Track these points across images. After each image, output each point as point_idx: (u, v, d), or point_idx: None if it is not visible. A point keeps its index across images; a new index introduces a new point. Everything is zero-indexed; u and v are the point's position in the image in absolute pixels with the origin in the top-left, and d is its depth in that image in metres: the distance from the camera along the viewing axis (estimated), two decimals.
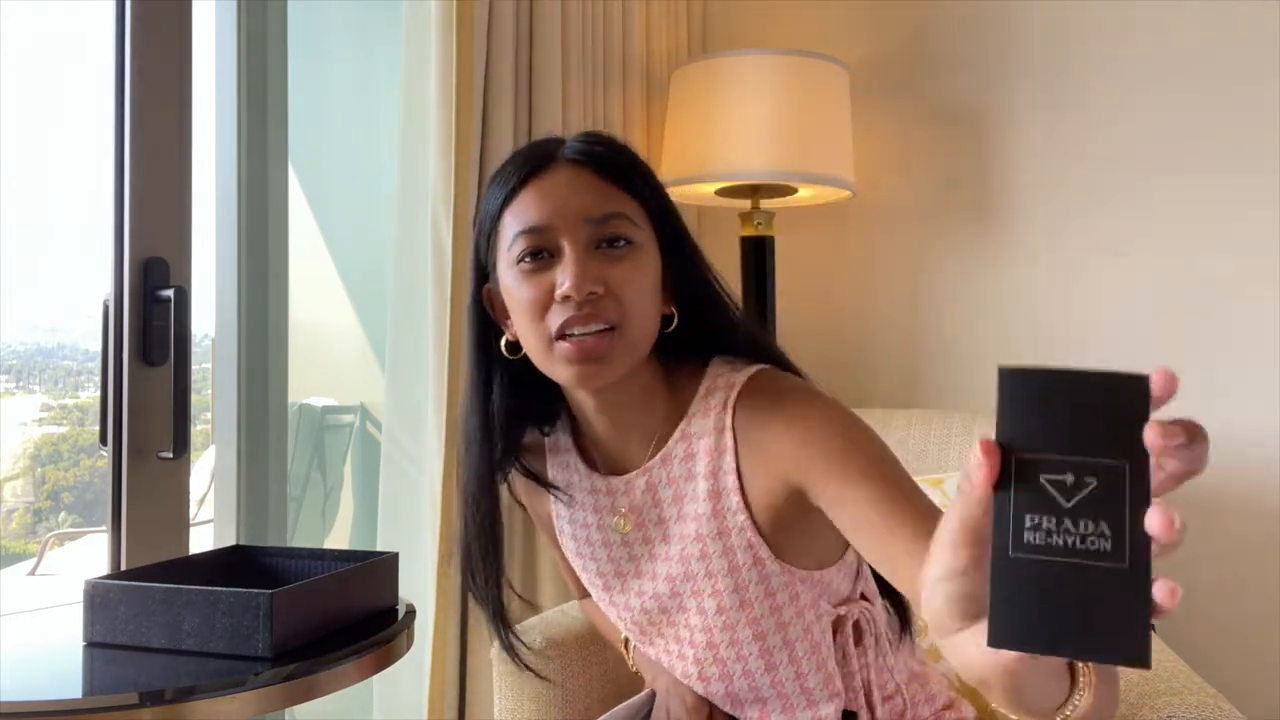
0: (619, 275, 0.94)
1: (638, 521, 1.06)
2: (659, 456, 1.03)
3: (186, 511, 1.41)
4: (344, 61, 2.08)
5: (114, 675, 0.90)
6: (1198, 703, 1.11)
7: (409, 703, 1.74)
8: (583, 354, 0.93)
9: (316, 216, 1.96)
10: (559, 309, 0.93)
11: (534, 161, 0.98)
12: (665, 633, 1.09)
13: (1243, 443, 2.01)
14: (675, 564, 1.04)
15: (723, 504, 0.99)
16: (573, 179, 0.96)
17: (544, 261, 0.95)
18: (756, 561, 1.00)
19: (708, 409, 1.00)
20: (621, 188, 0.98)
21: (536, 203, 0.95)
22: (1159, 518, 0.49)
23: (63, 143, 1.66)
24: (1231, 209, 2.02)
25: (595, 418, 1.04)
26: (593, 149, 0.99)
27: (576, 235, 0.94)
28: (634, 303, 0.95)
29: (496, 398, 1.05)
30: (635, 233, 0.97)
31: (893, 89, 2.29)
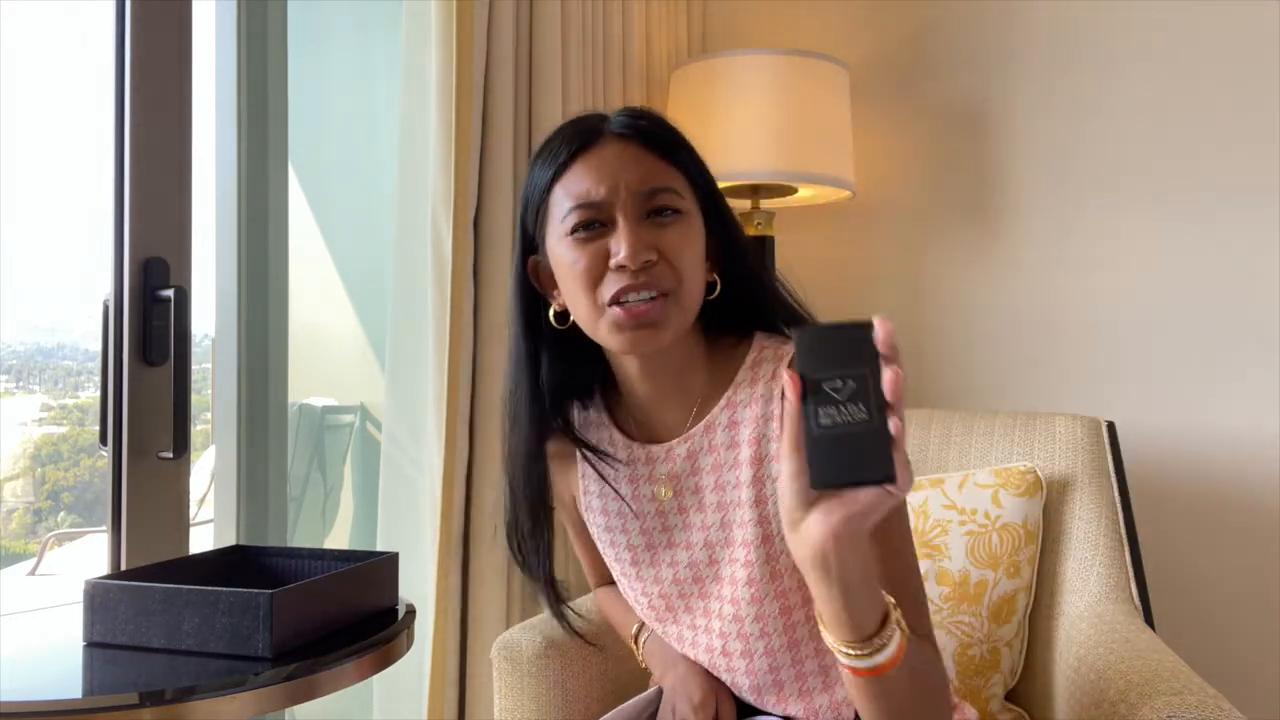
0: (670, 242, 0.98)
1: (676, 489, 1.08)
2: (702, 424, 1.05)
3: (186, 511, 1.41)
4: (344, 61, 2.07)
5: (114, 675, 0.90)
6: (1198, 703, 1.11)
7: (409, 703, 1.74)
8: (636, 319, 0.97)
9: (316, 216, 1.96)
10: (614, 277, 0.97)
11: (583, 137, 1.01)
12: (693, 606, 1.10)
13: (1243, 442, 2.01)
14: (714, 531, 1.05)
15: (764, 470, 1.02)
16: (621, 153, 1.00)
17: (596, 232, 0.98)
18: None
19: (755, 378, 1.04)
20: (668, 161, 1.02)
21: (588, 176, 0.99)
22: (889, 378, 0.72)
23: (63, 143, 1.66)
24: (1232, 208, 2.02)
25: (640, 384, 1.06)
26: (638, 123, 1.02)
27: (629, 207, 0.98)
28: (685, 268, 0.98)
29: (544, 368, 1.08)
30: (682, 203, 1.00)
31: (893, 89, 2.29)
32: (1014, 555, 1.57)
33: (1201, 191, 2.05)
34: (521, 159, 1.84)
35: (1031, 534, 1.58)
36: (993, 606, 1.56)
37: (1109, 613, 1.48)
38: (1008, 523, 1.57)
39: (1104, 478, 1.63)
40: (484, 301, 1.75)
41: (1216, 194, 2.04)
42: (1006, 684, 1.58)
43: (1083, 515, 1.61)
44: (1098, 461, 1.64)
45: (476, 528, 1.73)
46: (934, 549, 1.59)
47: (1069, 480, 1.64)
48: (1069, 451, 1.66)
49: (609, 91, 2.08)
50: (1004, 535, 1.57)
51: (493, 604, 1.74)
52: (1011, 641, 1.57)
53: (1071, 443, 1.66)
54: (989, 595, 1.56)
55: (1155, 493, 2.02)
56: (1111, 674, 1.26)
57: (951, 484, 1.63)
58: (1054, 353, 2.16)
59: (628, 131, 1.01)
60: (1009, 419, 1.74)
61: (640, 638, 1.25)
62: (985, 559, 1.56)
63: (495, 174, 1.76)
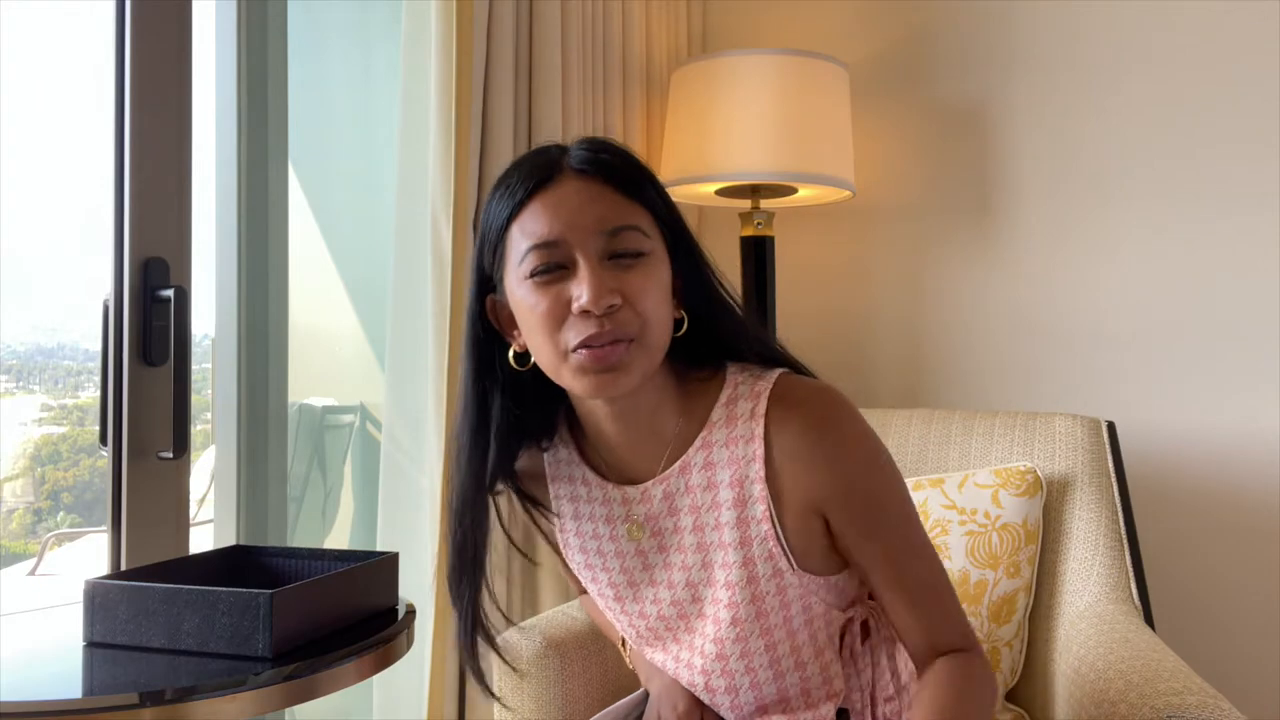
0: (634, 285, 0.93)
1: (654, 530, 1.05)
2: (677, 465, 1.03)
3: (186, 511, 1.41)
4: (344, 62, 2.07)
5: (114, 675, 0.90)
6: (1198, 703, 1.11)
7: (409, 703, 1.74)
8: (600, 363, 0.93)
9: (316, 216, 1.96)
10: (577, 322, 0.93)
11: (540, 172, 0.96)
12: (680, 638, 1.09)
13: (1243, 442, 2.01)
14: (695, 571, 1.04)
15: (747, 513, 1.00)
16: (581, 190, 0.95)
17: (557, 275, 0.94)
18: (776, 573, 1.00)
19: (732, 416, 1.01)
20: (631, 197, 0.97)
21: (546, 216, 0.94)
22: None
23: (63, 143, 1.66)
24: (1233, 207, 2.02)
25: (608, 426, 1.03)
26: (599, 158, 0.97)
27: (589, 248, 0.93)
28: (650, 311, 0.94)
29: (496, 409, 1.04)
30: (646, 243, 0.96)
31: (893, 89, 2.29)
32: (1014, 555, 1.57)
33: (1201, 191, 2.05)
34: None
35: (1031, 534, 1.58)
36: (993, 606, 1.56)
37: (1109, 613, 1.48)
38: (1008, 522, 1.57)
39: (1104, 478, 1.63)
40: None
41: (1216, 194, 2.04)
42: (1007, 684, 1.58)
43: (1083, 515, 1.61)
44: (1098, 461, 1.64)
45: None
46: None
47: (1069, 480, 1.64)
48: (1069, 451, 1.66)
49: (609, 91, 2.08)
50: (1004, 535, 1.57)
51: (492, 604, 1.74)
52: (1011, 641, 1.57)
53: (1071, 443, 1.66)
54: (989, 595, 1.56)
55: (1155, 493, 2.02)
56: (1111, 674, 1.26)
57: (951, 484, 1.63)
58: (1054, 352, 2.16)
59: (587, 167, 0.96)
60: (1009, 419, 1.74)
61: (628, 641, 1.24)
62: (985, 559, 1.56)
63: (495, 174, 1.75)
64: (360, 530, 1.98)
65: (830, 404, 1.00)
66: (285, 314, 1.82)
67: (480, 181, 1.76)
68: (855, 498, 0.99)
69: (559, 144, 1.01)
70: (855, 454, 0.99)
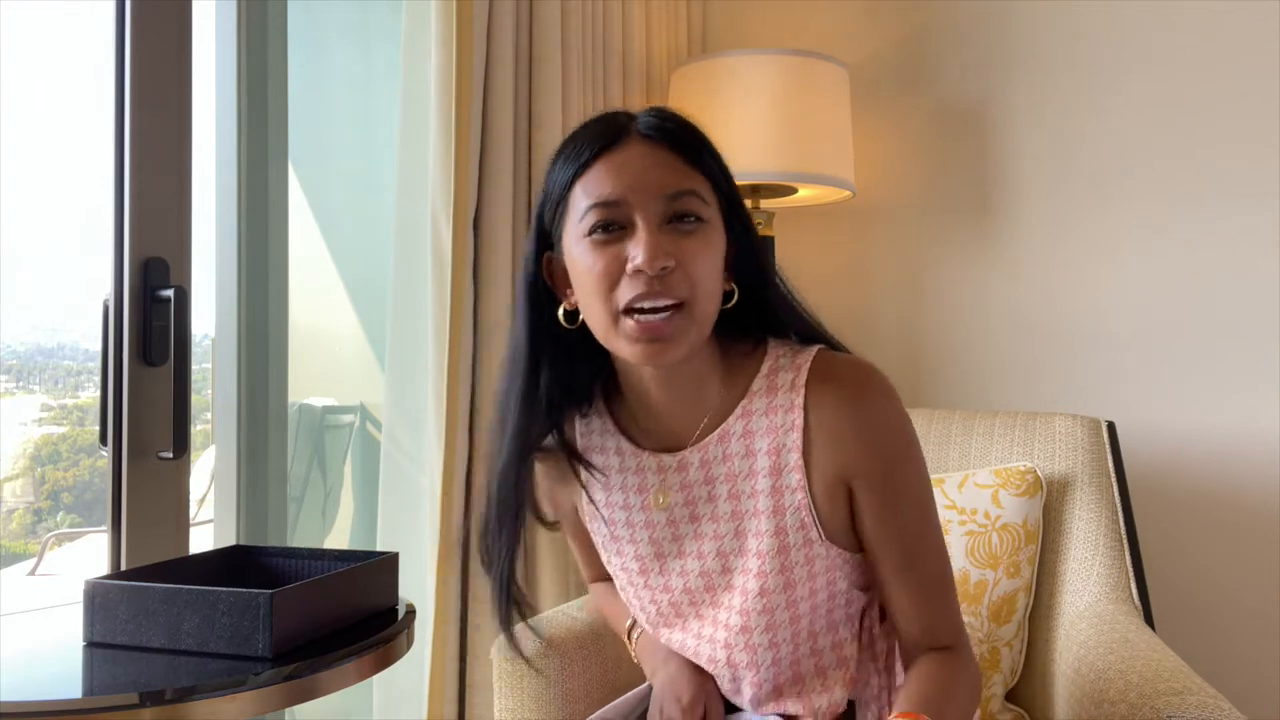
0: (690, 251, 0.95)
1: (688, 498, 1.06)
2: (716, 433, 1.04)
3: (186, 511, 1.41)
4: (344, 61, 2.07)
5: (114, 675, 0.90)
6: (1198, 703, 1.11)
7: (409, 703, 1.74)
8: (649, 333, 0.94)
9: (316, 216, 1.96)
10: (629, 282, 0.94)
11: (607, 136, 0.98)
12: (703, 614, 1.09)
13: (1243, 442, 2.01)
14: (727, 540, 1.04)
15: (782, 481, 1.01)
16: (646, 154, 0.97)
17: (615, 234, 0.95)
18: (806, 542, 1.02)
19: (773, 387, 1.02)
20: (694, 165, 0.98)
21: (610, 176, 0.96)
22: None
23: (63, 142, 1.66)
24: (1233, 207, 2.02)
25: (654, 391, 1.04)
26: (665, 125, 0.99)
27: (650, 210, 0.95)
28: (702, 279, 0.96)
29: (546, 368, 1.04)
30: (705, 210, 0.97)
31: (893, 89, 2.29)
32: (1014, 555, 1.57)
33: (1201, 191, 2.05)
34: (521, 159, 1.84)
35: (1031, 534, 1.58)
36: (993, 606, 1.56)
37: (1109, 613, 1.48)
38: (1008, 523, 1.57)
39: (1104, 478, 1.63)
40: (484, 301, 1.75)
41: (1216, 194, 2.04)
42: (1007, 684, 1.58)
43: (1083, 515, 1.61)
44: (1098, 461, 1.64)
45: (476, 527, 1.73)
46: None
47: (1069, 480, 1.64)
48: (1069, 451, 1.66)
49: (609, 91, 2.08)
50: (1004, 535, 1.57)
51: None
52: (1011, 641, 1.57)
53: (1071, 443, 1.66)
54: (989, 595, 1.56)
55: (1155, 493, 2.02)
56: (1111, 674, 1.26)
57: (951, 484, 1.63)
58: (1054, 352, 2.16)
59: (653, 133, 0.98)
60: (1009, 419, 1.74)
61: (634, 634, 1.24)
62: (985, 559, 1.56)
63: (495, 174, 1.76)
64: (360, 530, 1.98)
65: (869, 380, 1.02)
66: (285, 314, 1.82)
67: (480, 181, 1.76)
68: (882, 474, 1.00)
69: (627, 110, 1.02)
70: (888, 432, 1.01)
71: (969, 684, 1.03)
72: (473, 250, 1.74)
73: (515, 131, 1.81)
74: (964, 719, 1.02)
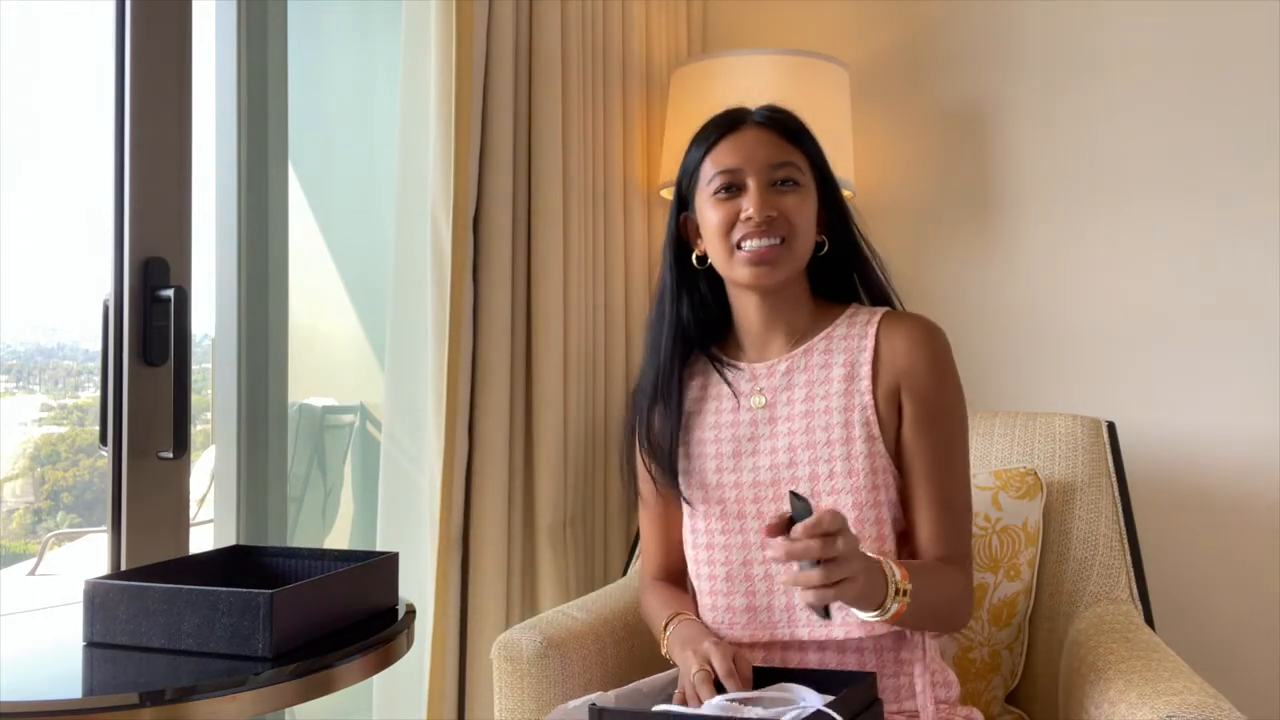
0: (788, 205, 1.26)
1: (770, 400, 1.31)
2: (802, 349, 1.31)
3: (186, 511, 1.41)
4: (344, 61, 2.08)
5: (114, 675, 0.90)
6: (1198, 703, 1.11)
7: (409, 703, 1.74)
8: (757, 258, 1.25)
9: (316, 216, 1.96)
10: (742, 226, 1.25)
11: (730, 123, 1.30)
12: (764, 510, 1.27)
13: (1243, 442, 2.01)
14: (798, 435, 1.27)
15: (854, 385, 1.26)
16: (758, 135, 1.28)
17: (733, 194, 1.27)
18: (869, 439, 1.24)
19: (853, 323, 1.31)
20: (794, 145, 1.29)
21: (731, 151, 1.28)
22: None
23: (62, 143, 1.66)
24: (1234, 207, 2.02)
25: (755, 313, 1.32)
26: (774, 115, 1.30)
27: (759, 176, 1.26)
28: (798, 225, 1.26)
29: (684, 298, 1.36)
30: (801, 177, 1.28)
31: (893, 89, 2.29)
32: (1014, 558, 1.57)
33: (1201, 191, 2.05)
34: (521, 159, 1.84)
35: (1031, 536, 1.58)
36: (993, 609, 1.56)
37: (1109, 613, 1.48)
38: (1008, 525, 1.57)
39: (1104, 478, 1.63)
40: (483, 301, 1.75)
41: (1216, 194, 2.04)
42: (1007, 686, 1.58)
43: (1083, 516, 1.61)
44: (1098, 462, 1.64)
45: (476, 527, 1.73)
46: None
47: (1069, 481, 1.64)
48: (1069, 452, 1.66)
49: (609, 91, 2.08)
50: (1004, 538, 1.57)
51: (492, 604, 1.74)
52: (1012, 644, 1.57)
53: (1071, 443, 1.66)
54: (989, 599, 1.56)
55: (1155, 493, 2.02)
56: (1111, 674, 1.26)
57: None
58: (1054, 353, 2.16)
59: (763, 120, 1.30)
60: (1009, 419, 1.74)
61: (669, 627, 1.31)
62: (985, 562, 1.56)
63: (495, 174, 1.76)
64: (360, 530, 1.99)
65: (932, 326, 1.30)
66: (285, 314, 1.82)
67: (480, 181, 1.76)
68: (925, 391, 1.25)
69: (746, 107, 1.33)
70: (941, 366, 1.27)
71: (962, 594, 1.24)
72: (473, 250, 1.74)
73: (515, 131, 1.81)
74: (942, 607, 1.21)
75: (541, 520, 1.83)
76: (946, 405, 1.27)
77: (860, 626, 1.21)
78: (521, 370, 1.84)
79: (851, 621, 1.21)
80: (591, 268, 2.00)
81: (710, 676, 1.17)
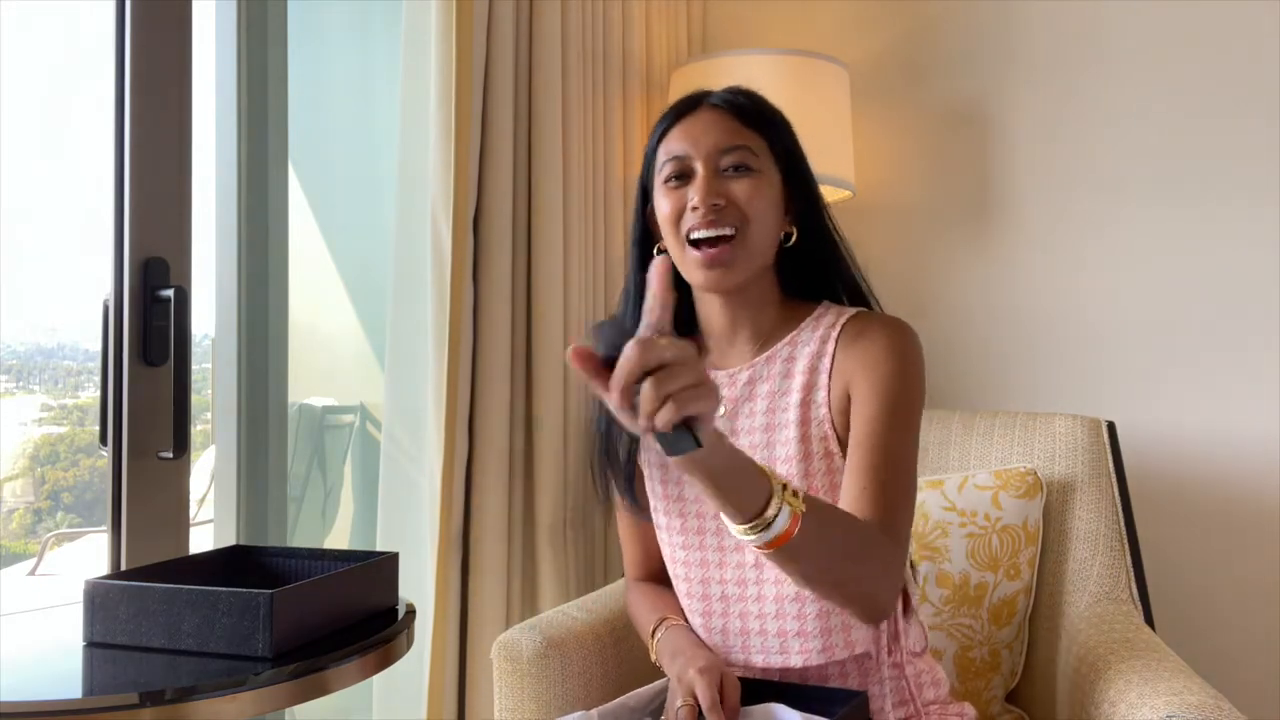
0: (739, 191, 1.16)
1: (731, 412, 1.23)
2: (765, 355, 1.23)
3: (186, 511, 1.41)
4: (344, 61, 2.07)
5: (114, 675, 0.90)
6: (1198, 703, 1.11)
7: (409, 703, 1.74)
8: (710, 261, 1.16)
9: (316, 216, 1.96)
10: (690, 215, 1.16)
11: (684, 106, 1.23)
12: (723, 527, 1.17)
13: (1243, 442, 2.01)
14: (759, 450, 1.20)
15: (812, 396, 1.19)
16: (709, 119, 1.20)
17: (683, 182, 1.18)
18: (827, 454, 1.17)
19: (818, 325, 1.22)
20: (750, 127, 1.20)
21: (680, 137, 1.20)
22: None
23: (63, 142, 1.66)
24: (1232, 207, 2.02)
25: (719, 315, 1.24)
26: (731, 98, 1.22)
27: (708, 162, 1.17)
28: (751, 212, 1.16)
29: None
30: (755, 161, 1.18)
31: (893, 89, 2.29)
32: (1014, 557, 1.57)
33: (1201, 191, 2.05)
34: (521, 159, 1.84)
35: (1031, 536, 1.58)
36: (993, 609, 1.56)
37: (1109, 613, 1.48)
38: (1008, 524, 1.57)
39: (1104, 478, 1.63)
40: (483, 301, 1.75)
41: (1216, 193, 2.04)
42: (1007, 685, 1.58)
43: (1083, 516, 1.61)
44: (1098, 461, 1.64)
45: (476, 527, 1.73)
46: (934, 551, 1.59)
47: (1069, 481, 1.64)
48: (1069, 452, 1.66)
49: (609, 91, 2.08)
50: (1004, 537, 1.57)
51: (493, 604, 1.74)
52: (1012, 644, 1.57)
53: (1071, 443, 1.66)
54: (989, 598, 1.56)
55: (1155, 493, 2.02)
56: (1111, 674, 1.26)
57: (951, 485, 1.63)
58: (1054, 353, 2.16)
59: (719, 103, 1.21)
60: (1009, 419, 1.74)
61: (657, 633, 1.28)
62: (985, 561, 1.56)
63: (495, 174, 1.76)
64: (360, 530, 1.99)
65: (900, 327, 1.19)
66: (285, 314, 1.82)
67: (480, 181, 1.76)
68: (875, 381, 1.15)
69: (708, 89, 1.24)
70: (895, 355, 1.16)
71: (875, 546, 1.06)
72: (473, 250, 1.74)
73: (515, 131, 1.81)
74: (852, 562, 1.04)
75: (541, 520, 1.83)
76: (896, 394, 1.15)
77: (820, 654, 1.16)
78: (521, 370, 1.84)
79: (811, 648, 1.16)
80: (591, 268, 2.01)
81: (694, 712, 1.10)
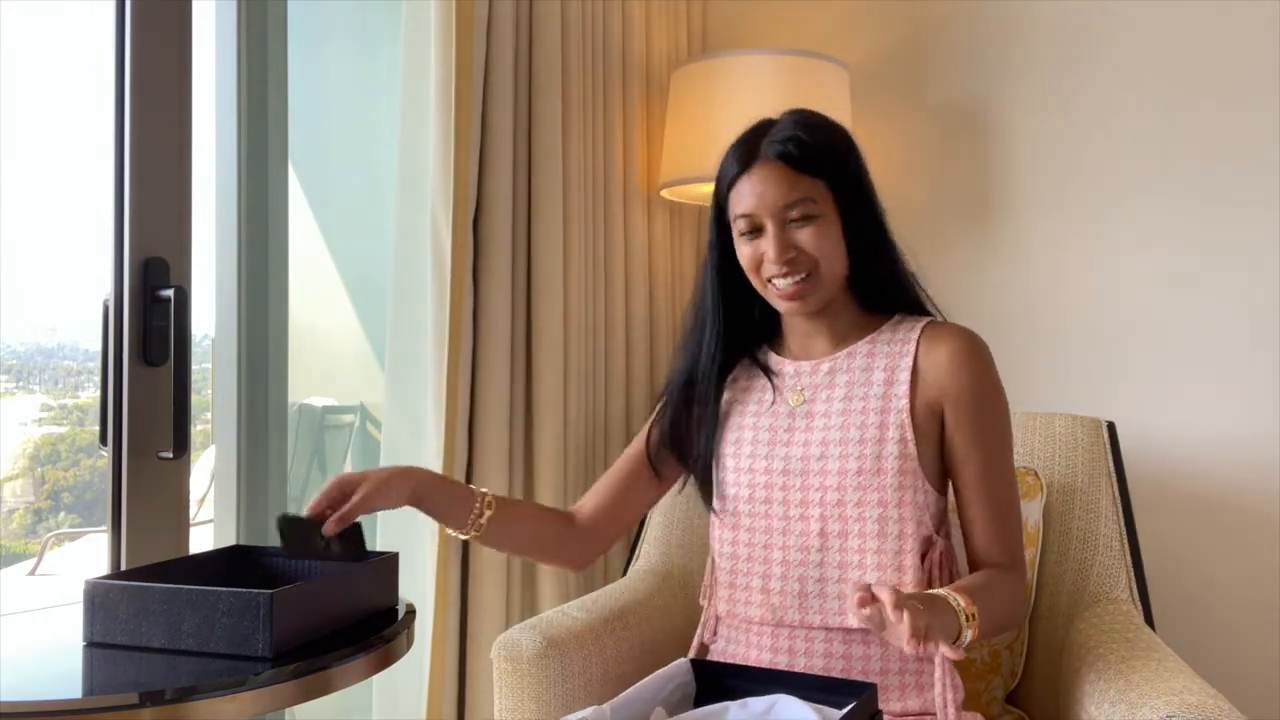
0: (805, 240, 1.28)
1: (809, 397, 1.35)
2: (845, 351, 1.35)
3: (186, 511, 1.41)
4: (344, 61, 2.08)
5: (114, 675, 0.90)
6: (1198, 703, 1.11)
7: (409, 703, 1.74)
8: (790, 296, 1.29)
9: (316, 216, 1.96)
10: (768, 266, 1.29)
11: (745, 158, 1.30)
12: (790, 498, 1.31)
13: (1243, 443, 2.01)
14: (834, 430, 1.31)
15: (892, 390, 1.30)
16: (768, 175, 1.28)
17: (756, 235, 1.30)
18: (901, 441, 1.27)
19: (896, 331, 1.34)
20: (807, 174, 1.28)
21: (746, 196, 1.29)
22: None
23: (63, 142, 1.66)
24: (1232, 208, 2.02)
25: (800, 323, 1.37)
26: (785, 149, 1.28)
27: (775, 218, 1.28)
28: (820, 255, 1.28)
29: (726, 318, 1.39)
30: (816, 208, 1.28)
31: (893, 89, 2.29)
32: None
33: (1202, 191, 2.05)
34: (521, 159, 1.84)
35: (1032, 537, 1.58)
36: None
37: (1109, 613, 1.48)
38: None
39: (1104, 478, 1.63)
40: (483, 302, 1.75)
41: (1217, 194, 2.04)
42: (1007, 686, 1.58)
43: (1083, 516, 1.61)
44: (1098, 462, 1.64)
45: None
46: None
47: (1069, 481, 1.64)
48: (1069, 452, 1.66)
49: (609, 91, 2.08)
50: None
51: (492, 604, 1.74)
52: (1012, 644, 1.57)
53: (1071, 443, 1.66)
54: None
55: (1155, 493, 2.02)
56: (1111, 674, 1.26)
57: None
58: (1054, 353, 2.16)
59: (775, 156, 1.28)
60: None
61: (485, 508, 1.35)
62: None
63: (495, 174, 1.76)
64: None
65: (976, 339, 1.32)
66: (285, 314, 1.82)
67: (480, 182, 1.76)
68: (973, 409, 1.28)
69: (761, 128, 1.32)
70: (984, 378, 1.30)
71: (1016, 598, 1.27)
72: (472, 251, 1.74)
73: (515, 131, 1.81)
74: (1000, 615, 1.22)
75: None
76: (992, 412, 1.30)
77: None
78: (521, 370, 1.84)
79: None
80: (591, 268, 2.01)
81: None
